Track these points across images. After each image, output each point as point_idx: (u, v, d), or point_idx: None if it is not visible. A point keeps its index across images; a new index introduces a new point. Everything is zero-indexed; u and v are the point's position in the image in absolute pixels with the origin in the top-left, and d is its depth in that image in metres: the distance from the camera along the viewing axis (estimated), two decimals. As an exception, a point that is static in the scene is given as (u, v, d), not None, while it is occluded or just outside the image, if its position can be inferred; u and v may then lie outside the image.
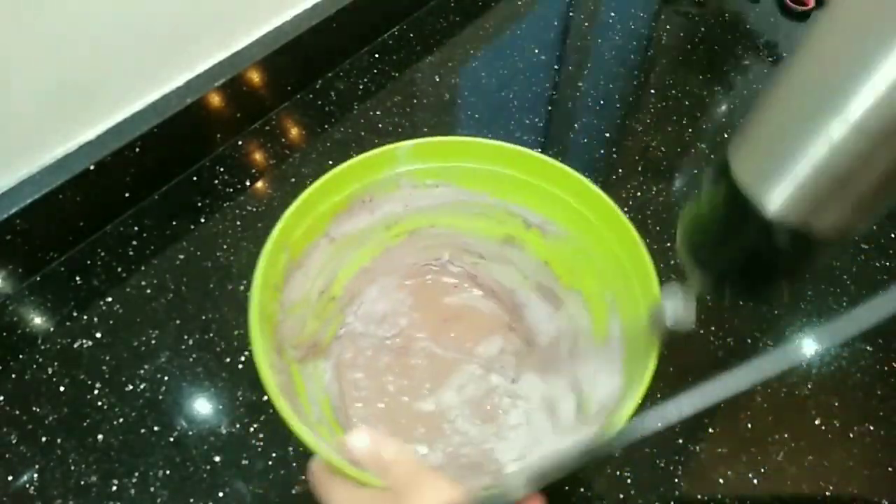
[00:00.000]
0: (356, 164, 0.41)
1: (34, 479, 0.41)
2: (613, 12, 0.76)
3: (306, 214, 0.40)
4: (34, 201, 0.47)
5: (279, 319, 0.37)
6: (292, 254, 0.39)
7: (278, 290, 0.38)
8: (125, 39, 0.48)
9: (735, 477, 0.43)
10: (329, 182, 0.40)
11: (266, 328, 0.35)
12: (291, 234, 0.39)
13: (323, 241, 0.41)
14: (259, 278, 0.35)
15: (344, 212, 0.42)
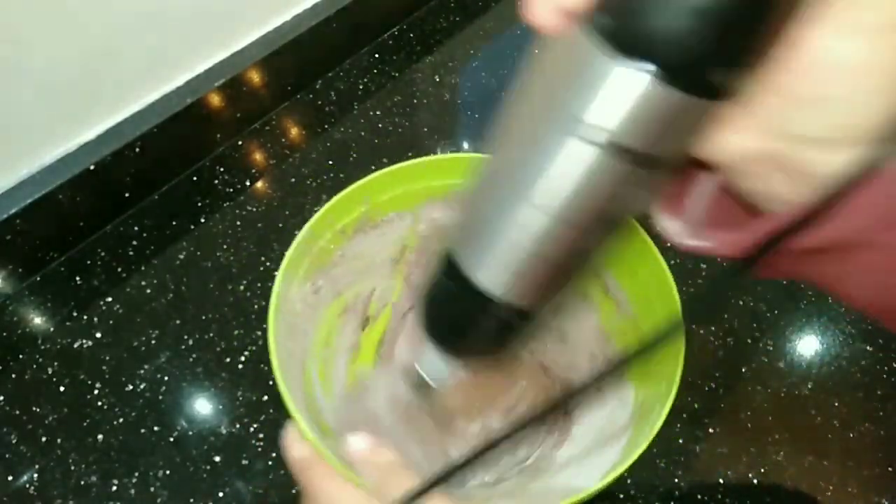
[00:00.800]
0: (472, 161, 0.39)
1: (34, 478, 0.41)
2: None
3: (396, 185, 0.40)
4: (34, 201, 0.47)
5: (333, 262, 0.40)
6: (371, 213, 0.40)
7: (345, 235, 0.40)
8: (124, 39, 0.48)
9: (735, 477, 0.43)
10: (429, 165, 0.40)
11: (310, 261, 0.37)
12: (377, 194, 0.40)
13: (408, 217, 0.42)
14: (324, 211, 0.37)
15: (438, 200, 0.41)
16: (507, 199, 0.21)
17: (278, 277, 0.36)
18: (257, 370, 0.46)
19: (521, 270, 0.23)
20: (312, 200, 0.56)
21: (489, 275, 0.23)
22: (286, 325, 0.37)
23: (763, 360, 0.48)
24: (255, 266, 0.51)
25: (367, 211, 0.41)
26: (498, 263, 0.23)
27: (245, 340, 0.47)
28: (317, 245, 0.39)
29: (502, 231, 0.22)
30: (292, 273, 0.38)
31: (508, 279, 0.23)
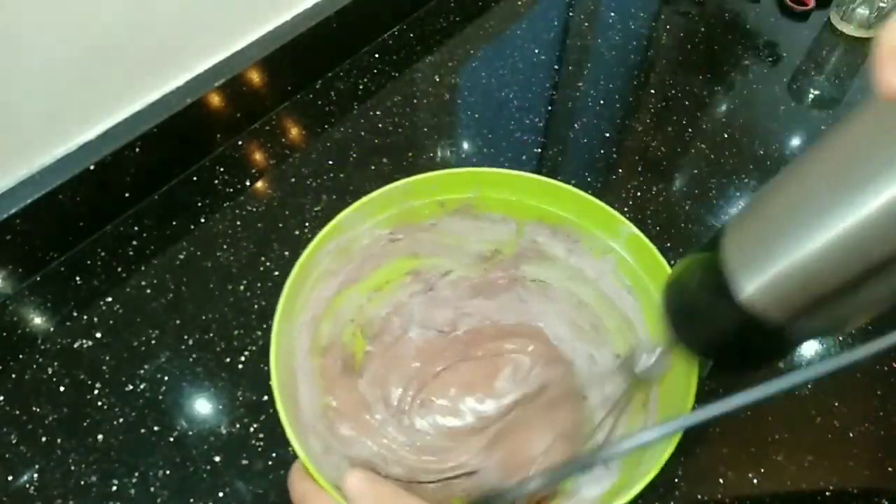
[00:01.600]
0: (580, 199, 0.40)
1: (34, 478, 0.41)
2: (613, 12, 0.76)
3: (510, 189, 0.40)
4: (34, 201, 0.47)
5: (423, 226, 0.41)
6: (478, 203, 0.41)
7: (444, 209, 0.41)
8: (125, 39, 0.48)
9: (735, 477, 0.43)
10: (549, 187, 0.40)
11: (397, 212, 0.39)
12: (487, 188, 0.41)
13: (512, 224, 0.42)
14: (425, 177, 0.38)
15: (547, 226, 0.42)
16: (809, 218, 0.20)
17: (351, 208, 0.37)
18: (257, 370, 0.46)
19: (807, 301, 0.22)
20: (312, 200, 0.56)
21: (769, 298, 0.22)
22: (337, 251, 0.38)
23: (763, 360, 0.48)
24: (255, 266, 0.51)
25: (474, 199, 0.41)
26: (785, 289, 0.22)
27: (245, 340, 0.47)
28: (409, 203, 0.40)
29: (804, 258, 0.21)
30: (369, 211, 0.39)
31: (790, 306, 0.22)
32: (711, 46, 0.73)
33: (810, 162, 0.22)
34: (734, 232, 0.24)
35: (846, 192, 0.20)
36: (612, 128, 0.64)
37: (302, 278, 0.36)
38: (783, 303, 0.22)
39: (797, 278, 0.21)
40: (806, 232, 0.21)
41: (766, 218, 0.23)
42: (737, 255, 0.23)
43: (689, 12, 0.77)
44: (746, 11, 0.78)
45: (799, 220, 0.21)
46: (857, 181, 0.19)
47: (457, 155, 0.60)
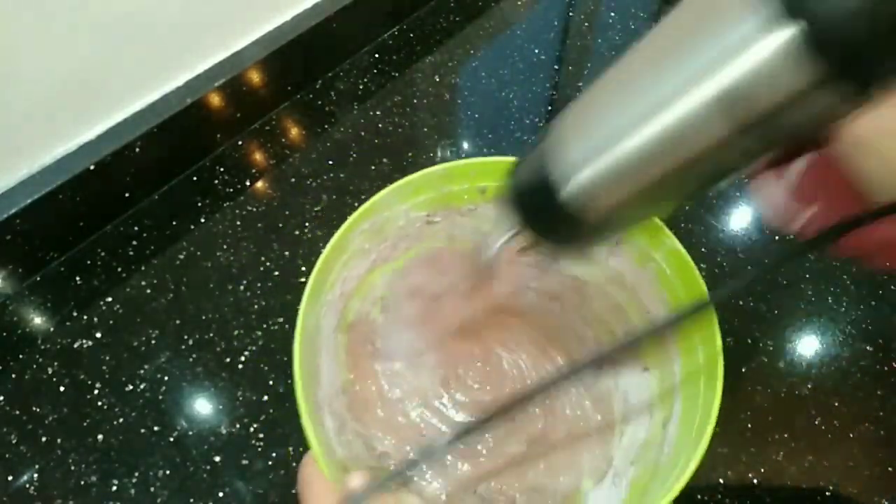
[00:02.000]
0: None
1: (34, 478, 0.41)
2: (613, 12, 0.76)
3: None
4: (34, 201, 0.47)
5: (461, 211, 0.41)
6: None
7: (483, 196, 0.40)
8: (125, 39, 0.48)
9: (735, 477, 0.43)
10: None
11: (434, 196, 0.38)
12: None
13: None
14: (465, 163, 0.37)
15: None
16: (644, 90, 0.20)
17: (387, 189, 0.37)
18: (257, 370, 0.46)
19: (608, 178, 0.22)
20: (312, 200, 0.56)
21: (579, 182, 0.23)
22: (371, 231, 0.38)
23: (763, 360, 0.48)
24: (255, 266, 0.51)
25: None
26: (593, 173, 0.22)
27: (245, 340, 0.47)
28: (448, 187, 0.40)
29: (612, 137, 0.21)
30: (406, 193, 0.38)
31: (588, 183, 0.22)
32: (711, 46, 0.73)
33: (625, 60, 0.22)
34: (558, 127, 0.24)
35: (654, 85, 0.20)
36: (612, 128, 0.64)
37: (334, 257, 0.36)
38: (596, 201, 0.23)
39: (610, 174, 0.22)
40: (618, 128, 0.21)
41: (584, 113, 0.23)
42: (557, 149, 0.24)
43: (689, 12, 0.77)
44: (746, 11, 0.78)
45: (612, 114, 0.21)
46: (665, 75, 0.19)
47: (457, 155, 0.60)
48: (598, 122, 0.22)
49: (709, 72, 0.18)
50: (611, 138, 0.21)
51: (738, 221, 0.57)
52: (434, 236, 0.43)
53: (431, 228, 0.42)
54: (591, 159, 0.22)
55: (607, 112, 0.22)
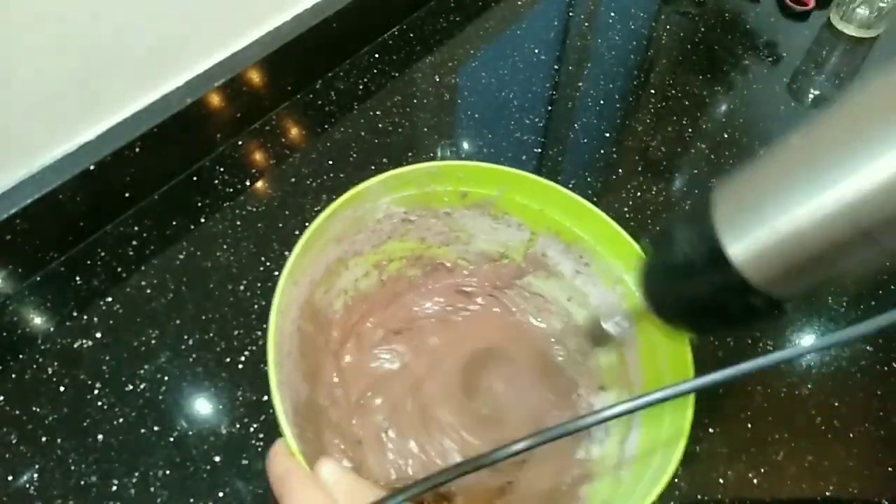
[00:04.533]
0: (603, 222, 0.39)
1: (34, 478, 0.41)
2: (613, 12, 0.76)
3: (535, 197, 0.40)
4: (34, 201, 0.47)
5: (437, 213, 0.41)
6: (500, 203, 0.41)
7: (463, 201, 0.41)
8: (125, 39, 0.48)
9: (735, 477, 0.43)
10: (571, 203, 0.40)
11: (415, 194, 0.38)
12: (514, 192, 0.40)
13: (527, 233, 0.42)
14: (454, 164, 0.37)
15: (562, 241, 0.41)
16: (819, 193, 0.21)
17: (375, 179, 0.37)
18: (257, 370, 0.46)
19: (797, 267, 0.22)
20: (312, 200, 0.56)
21: (757, 262, 0.22)
22: (353, 219, 0.38)
23: (763, 360, 0.48)
24: (255, 266, 0.51)
25: (497, 198, 0.41)
26: (775, 254, 0.22)
27: (245, 340, 0.47)
28: (432, 186, 0.40)
29: (797, 225, 0.21)
30: (392, 185, 0.38)
31: (778, 271, 0.22)
32: (711, 46, 0.73)
33: (803, 135, 0.22)
34: (725, 197, 0.24)
35: (836, 163, 0.20)
36: (612, 128, 0.64)
37: (315, 237, 0.36)
38: (771, 266, 0.22)
39: (786, 242, 0.22)
40: (798, 198, 0.21)
41: (760, 183, 0.23)
42: (728, 219, 0.23)
43: (689, 12, 0.77)
44: (746, 11, 0.78)
45: (792, 186, 0.21)
46: (847, 154, 0.20)
47: (457, 155, 0.60)
48: (776, 190, 0.22)
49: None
50: (788, 205, 0.22)
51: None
52: (406, 235, 0.43)
53: (405, 227, 0.42)
54: (768, 224, 0.22)
55: (785, 181, 0.22)
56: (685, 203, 0.58)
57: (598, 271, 0.41)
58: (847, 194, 0.20)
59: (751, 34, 0.75)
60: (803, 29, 0.76)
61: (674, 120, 0.65)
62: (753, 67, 0.71)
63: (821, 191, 0.21)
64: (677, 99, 0.67)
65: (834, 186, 0.20)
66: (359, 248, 0.41)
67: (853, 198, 0.20)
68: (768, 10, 0.78)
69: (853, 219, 0.20)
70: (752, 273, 0.23)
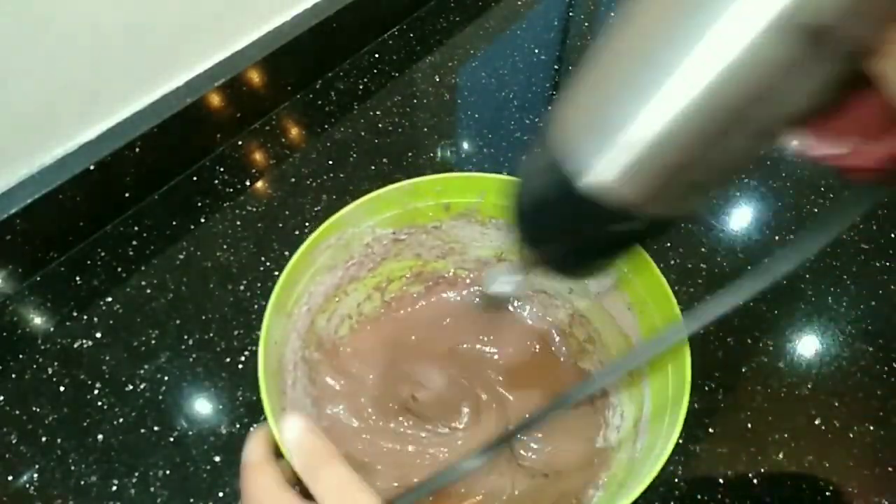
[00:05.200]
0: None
1: (34, 478, 0.41)
2: (613, 12, 0.76)
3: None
4: (34, 201, 0.47)
5: (426, 228, 0.41)
6: (483, 209, 0.41)
7: (448, 212, 0.41)
8: (125, 39, 0.48)
9: (735, 477, 0.43)
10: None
11: (399, 214, 0.39)
12: (494, 195, 0.40)
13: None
14: (429, 179, 0.38)
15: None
16: (649, 76, 0.18)
17: (354, 204, 0.37)
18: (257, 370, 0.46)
19: (645, 161, 0.19)
20: (312, 200, 0.56)
21: (603, 170, 0.20)
22: (337, 246, 0.38)
23: (763, 360, 0.48)
24: (255, 266, 0.51)
25: (479, 205, 0.41)
26: (618, 155, 0.19)
27: (245, 340, 0.47)
28: (413, 203, 0.40)
29: (635, 114, 0.18)
30: (371, 208, 0.39)
31: (627, 172, 0.19)
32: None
33: (622, 34, 0.20)
34: (561, 119, 0.21)
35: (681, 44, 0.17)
36: (612, 128, 0.64)
37: (300, 270, 0.36)
38: (635, 184, 0.20)
39: (647, 151, 0.19)
40: (647, 98, 0.18)
41: (597, 97, 0.20)
42: (574, 149, 0.21)
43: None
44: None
45: (636, 87, 0.19)
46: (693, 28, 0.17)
47: (457, 155, 0.60)
48: (613, 98, 0.20)
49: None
50: (634, 108, 0.19)
51: (738, 221, 0.57)
52: (400, 254, 0.43)
53: (397, 247, 0.42)
54: (616, 137, 0.19)
55: (620, 86, 0.19)
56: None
57: None
58: (705, 75, 0.17)
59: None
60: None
61: (674, 120, 0.65)
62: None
63: (671, 81, 0.18)
64: (677, 99, 0.67)
65: (685, 71, 0.17)
66: (354, 273, 0.41)
67: (715, 77, 0.17)
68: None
69: (719, 100, 0.18)
70: (618, 198, 0.20)
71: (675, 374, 0.33)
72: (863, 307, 0.51)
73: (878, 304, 0.52)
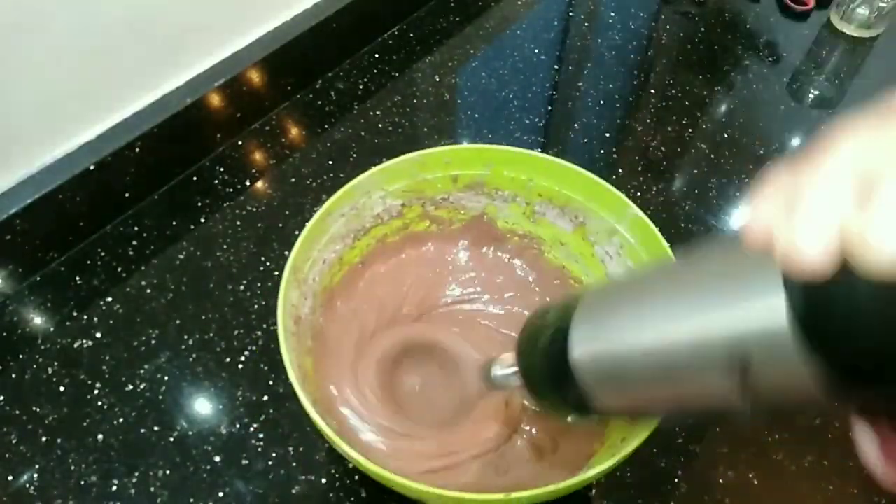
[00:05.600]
0: (588, 181, 0.42)
1: (34, 478, 0.41)
2: (613, 12, 0.76)
3: (520, 168, 0.42)
4: (34, 201, 0.47)
5: (436, 199, 0.43)
6: (490, 179, 0.43)
7: (456, 185, 0.43)
8: (125, 39, 0.48)
9: (735, 477, 0.43)
10: (550, 166, 0.42)
11: (409, 183, 0.41)
12: (500, 165, 0.42)
13: (522, 203, 0.45)
14: (437, 151, 0.39)
15: (556, 206, 0.44)
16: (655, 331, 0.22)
17: (365, 174, 0.39)
18: (257, 370, 0.46)
19: (618, 385, 0.25)
20: (312, 200, 0.56)
21: (587, 363, 0.25)
22: (351, 215, 0.40)
23: (763, 360, 0.48)
24: (255, 266, 0.51)
25: (487, 176, 0.43)
26: (603, 361, 0.25)
27: (245, 340, 0.47)
28: (423, 175, 0.42)
29: (630, 350, 0.23)
30: (382, 179, 0.40)
31: (602, 385, 0.25)
32: (711, 46, 0.73)
33: (662, 273, 0.25)
34: (589, 299, 0.27)
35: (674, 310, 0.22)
36: (612, 128, 0.64)
37: (313, 238, 0.38)
38: (597, 374, 0.25)
39: (614, 360, 0.24)
40: (634, 328, 0.23)
41: (614, 301, 0.26)
42: (583, 319, 0.26)
43: (689, 12, 0.77)
44: (746, 11, 0.78)
45: (635, 314, 0.24)
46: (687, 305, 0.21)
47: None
48: (619, 316, 0.25)
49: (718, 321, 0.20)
50: (625, 331, 0.24)
51: (738, 221, 0.57)
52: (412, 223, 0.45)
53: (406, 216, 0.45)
54: (604, 339, 0.25)
55: (631, 312, 0.24)
56: (684, 203, 0.58)
57: (593, 227, 0.43)
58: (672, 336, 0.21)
59: (751, 34, 0.75)
60: (803, 29, 0.76)
61: (674, 120, 0.65)
62: (753, 67, 0.71)
63: (650, 326, 0.22)
64: (677, 99, 0.67)
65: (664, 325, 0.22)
66: (362, 233, 0.43)
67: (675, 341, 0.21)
68: (768, 10, 0.78)
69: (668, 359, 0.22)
70: (581, 379, 0.25)
71: None
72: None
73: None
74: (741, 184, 0.60)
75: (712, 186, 0.59)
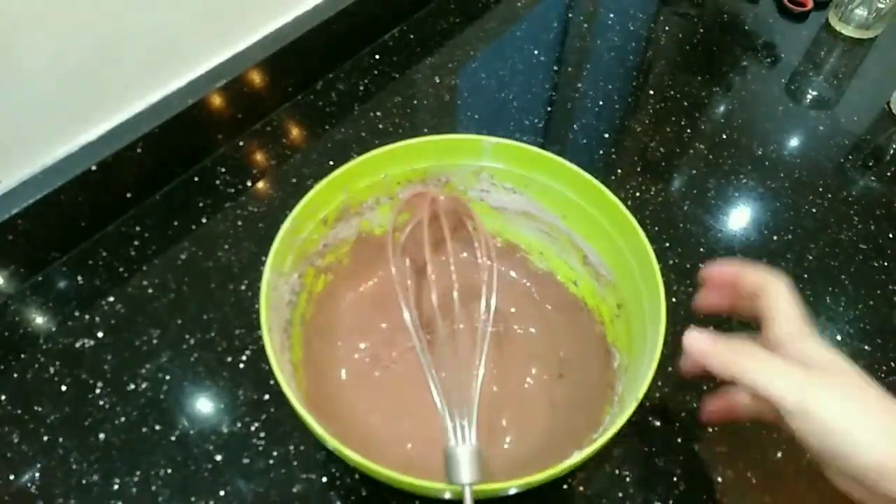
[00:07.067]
0: (438, 143, 0.43)
1: (36, 478, 0.41)
2: (612, 13, 0.76)
3: (372, 172, 0.43)
4: (36, 201, 0.47)
5: (317, 250, 0.44)
6: (351, 200, 0.43)
7: (326, 224, 0.43)
8: (126, 40, 0.49)
9: (735, 477, 0.43)
10: (404, 150, 0.43)
11: (295, 254, 0.41)
12: (354, 182, 0.43)
13: (384, 199, 0.45)
14: (305, 202, 0.40)
15: (418, 182, 0.45)
16: None
17: (266, 269, 0.39)
18: (258, 370, 0.46)
19: None
20: (313, 201, 0.56)
21: None
22: (276, 315, 0.39)
23: (762, 360, 0.48)
24: (256, 266, 0.51)
25: (347, 199, 0.44)
26: None
27: (246, 340, 0.47)
28: (299, 237, 0.42)
29: None
30: (279, 265, 0.40)
31: None
32: (710, 47, 0.73)
33: None
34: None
35: None
36: (611, 128, 0.64)
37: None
38: None
39: None
40: None
41: None
42: None
43: (688, 13, 0.77)
44: (745, 12, 0.78)
45: None
46: None
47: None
48: None
49: None
50: None
51: (736, 222, 0.57)
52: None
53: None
54: None
55: None
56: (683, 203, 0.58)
57: (468, 183, 0.46)
58: None
59: (749, 35, 0.75)
60: (801, 30, 0.77)
61: (672, 120, 0.65)
62: (752, 68, 0.71)
63: None
64: (676, 100, 0.67)
65: None
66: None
67: None
68: (767, 10, 0.78)
69: None
70: None
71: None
72: (861, 307, 0.52)
73: (876, 303, 0.52)
74: (740, 184, 0.60)
75: (711, 187, 0.59)
